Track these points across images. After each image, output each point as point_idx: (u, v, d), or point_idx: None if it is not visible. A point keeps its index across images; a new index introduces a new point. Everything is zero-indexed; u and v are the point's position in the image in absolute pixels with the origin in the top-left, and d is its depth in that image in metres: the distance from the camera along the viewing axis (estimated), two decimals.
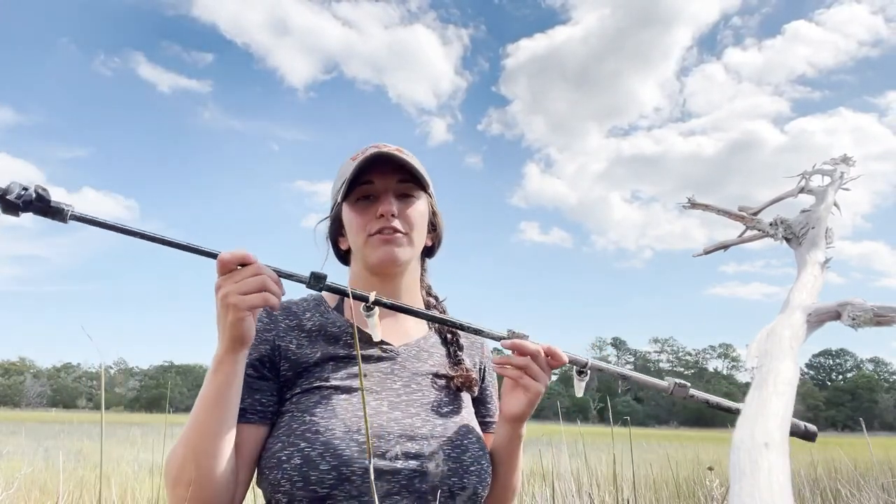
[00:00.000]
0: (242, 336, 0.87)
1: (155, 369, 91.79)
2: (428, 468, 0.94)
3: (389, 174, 1.05)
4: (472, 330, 1.02)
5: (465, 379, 1.10)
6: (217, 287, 0.86)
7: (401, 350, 1.07)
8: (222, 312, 0.86)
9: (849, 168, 2.26)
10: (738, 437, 0.66)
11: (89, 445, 11.13)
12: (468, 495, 0.98)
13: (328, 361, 1.02)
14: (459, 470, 0.97)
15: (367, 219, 1.04)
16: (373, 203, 1.05)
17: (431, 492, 0.94)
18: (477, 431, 1.06)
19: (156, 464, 6.71)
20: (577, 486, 3.51)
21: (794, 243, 1.94)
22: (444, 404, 1.04)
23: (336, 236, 1.14)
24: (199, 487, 0.88)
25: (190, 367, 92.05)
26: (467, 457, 0.99)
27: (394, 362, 1.05)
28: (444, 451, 0.97)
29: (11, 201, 0.81)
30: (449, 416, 1.03)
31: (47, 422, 25.89)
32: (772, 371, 0.89)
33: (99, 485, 1.88)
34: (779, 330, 1.12)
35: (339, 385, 0.98)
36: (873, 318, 1.20)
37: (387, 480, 0.91)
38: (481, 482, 1.00)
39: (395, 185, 1.05)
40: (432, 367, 1.08)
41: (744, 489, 0.55)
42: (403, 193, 1.07)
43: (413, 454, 0.95)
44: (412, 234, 1.07)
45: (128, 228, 0.86)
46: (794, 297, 1.44)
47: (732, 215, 2.25)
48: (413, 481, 0.93)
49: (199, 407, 0.90)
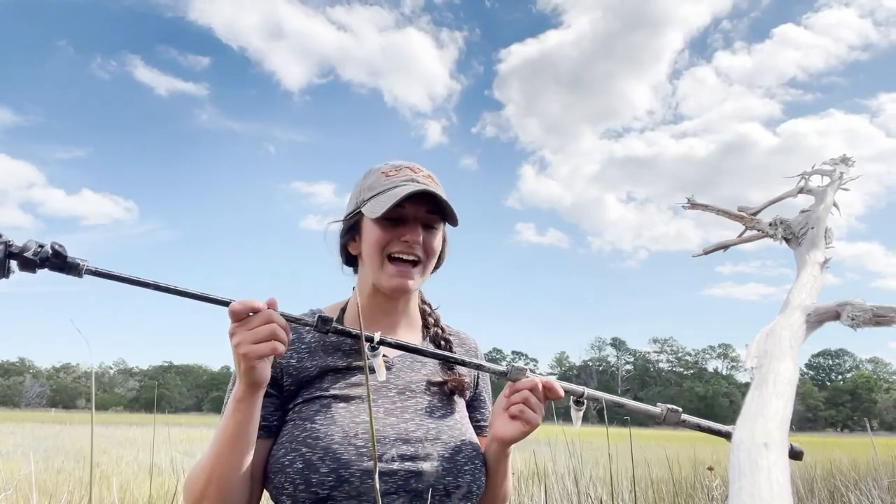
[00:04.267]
0: (257, 381, 0.93)
1: (155, 369, 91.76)
2: (423, 468, 1.01)
3: (421, 203, 1.09)
4: (473, 365, 1.06)
5: (457, 383, 1.15)
6: (230, 334, 0.92)
7: (395, 361, 1.13)
8: (236, 360, 0.92)
9: (848, 168, 2.26)
10: (737, 437, 0.66)
11: (89, 445, 11.14)
12: (463, 493, 1.04)
13: (327, 373, 1.08)
14: (454, 469, 1.03)
15: (390, 238, 1.08)
16: (398, 225, 1.09)
17: (427, 490, 1.00)
18: (470, 433, 1.12)
19: (156, 464, 6.71)
20: (576, 486, 3.51)
21: (793, 243, 1.94)
22: (438, 409, 1.11)
23: (347, 240, 1.17)
24: None
25: (190, 367, 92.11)
26: (461, 457, 1.05)
27: (389, 371, 1.11)
28: (438, 452, 1.03)
29: (29, 259, 0.85)
30: (442, 420, 1.09)
31: (47, 422, 25.89)
32: (771, 371, 0.89)
33: (89, 485, 1.81)
34: (778, 330, 1.13)
35: (337, 394, 1.05)
36: (872, 319, 1.20)
37: (384, 481, 0.98)
38: (475, 481, 1.06)
39: (424, 214, 1.10)
40: (426, 375, 1.14)
41: (744, 489, 0.55)
42: (428, 223, 1.11)
43: (408, 456, 1.01)
44: (427, 263, 1.12)
45: (142, 281, 0.91)
46: (793, 297, 1.45)
47: (732, 216, 2.25)
48: (409, 481, 0.99)
49: (220, 441, 0.96)
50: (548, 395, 1.05)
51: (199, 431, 17.84)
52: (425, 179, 1.11)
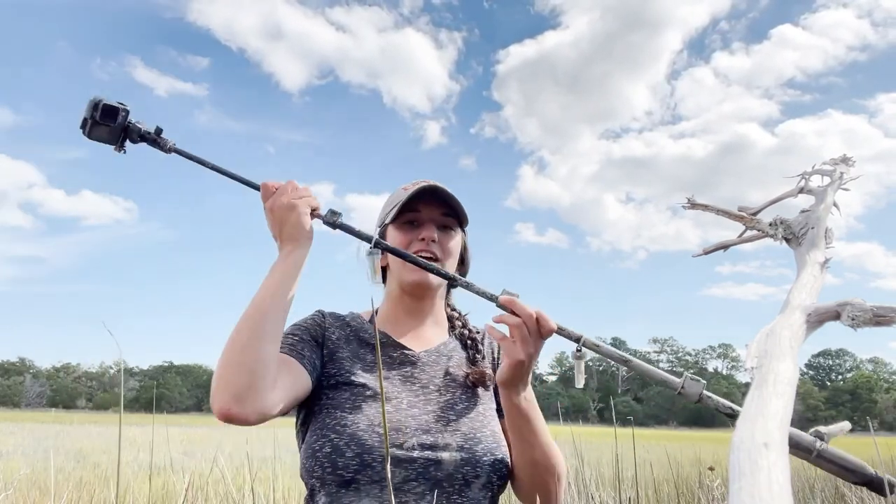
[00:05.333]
0: (306, 232, 1.06)
1: (155, 369, 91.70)
2: (442, 458, 1.06)
3: (435, 206, 1.20)
4: (464, 283, 1.09)
5: (478, 375, 1.20)
6: (270, 204, 1.07)
7: (421, 355, 1.20)
8: (285, 215, 1.05)
9: (848, 168, 2.26)
10: (738, 437, 0.66)
11: (89, 445, 11.13)
12: (482, 483, 1.08)
13: (357, 361, 1.16)
14: (472, 460, 1.08)
15: (409, 239, 1.18)
16: (416, 228, 1.20)
17: (446, 479, 1.06)
18: (492, 425, 1.16)
19: (155, 464, 6.71)
20: (577, 487, 3.51)
21: (793, 243, 1.94)
22: (461, 401, 1.16)
23: (378, 256, 1.24)
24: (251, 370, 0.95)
25: (190, 367, 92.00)
26: (480, 448, 1.10)
27: (414, 366, 1.18)
28: (457, 443, 1.09)
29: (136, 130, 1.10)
30: (464, 412, 1.14)
31: (47, 422, 25.88)
32: (771, 371, 0.89)
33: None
34: (778, 330, 1.12)
35: (365, 384, 1.12)
36: (872, 319, 1.20)
37: (404, 468, 1.04)
38: (495, 471, 1.10)
39: (438, 216, 1.20)
40: (450, 369, 1.20)
41: (744, 489, 0.55)
42: (444, 225, 1.21)
43: (428, 445, 1.07)
44: (445, 261, 1.20)
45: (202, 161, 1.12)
46: (793, 297, 1.45)
47: (732, 215, 2.25)
48: (429, 469, 1.05)
49: (263, 293, 1.02)
50: (541, 330, 1.01)
51: (200, 431, 17.84)
52: (441, 186, 1.20)
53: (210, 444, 11.99)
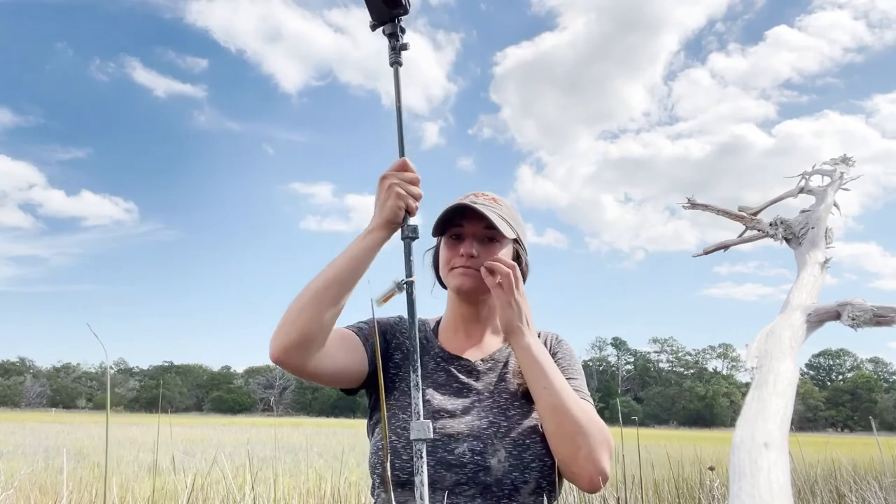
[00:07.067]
0: (397, 219, 1.11)
1: (155, 369, 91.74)
2: (490, 463, 1.12)
3: (477, 220, 1.25)
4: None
5: None
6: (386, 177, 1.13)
7: (478, 364, 1.27)
8: (385, 196, 1.12)
9: (848, 168, 2.26)
10: (738, 437, 0.66)
11: (89, 445, 11.14)
12: (531, 489, 1.13)
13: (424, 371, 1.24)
14: (520, 466, 1.13)
15: (453, 254, 1.26)
16: (460, 242, 1.26)
17: (496, 484, 1.11)
18: (542, 431, 1.18)
19: (156, 464, 6.70)
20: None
21: (793, 243, 1.94)
22: (513, 408, 1.21)
23: (436, 263, 1.36)
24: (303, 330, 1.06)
25: (190, 367, 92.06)
26: (528, 454, 1.14)
27: (470, 375, 1.25)
28: (506, 449, 1.14)
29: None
30: (515, 419, 1.19)
31: (47, 422, 25.87)
32: (772, 371, 0.89)
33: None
34: (778, 330, 1.13)
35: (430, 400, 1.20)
36: (873, 319, 1.20)
37: (455, 472, 1.11)
38: (544, 477, 1.14)
39: (480, 230, 1.25)
40: (504, 376, 1.26)
41: (744, 489, 0.55)
42: (490, 237, 1.26)
43: (478, 451, 1.13)
44: None
45: None
46: (793, 297, 1.45)
47: (732, 216, 2.25)
48: (478, 474, 1.11)
49: (334, 263, 1.11)
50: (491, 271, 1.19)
51: (200, 431, 17.84)
52: (486, 201, 1.26)
53: (210, 444, 11.99)
